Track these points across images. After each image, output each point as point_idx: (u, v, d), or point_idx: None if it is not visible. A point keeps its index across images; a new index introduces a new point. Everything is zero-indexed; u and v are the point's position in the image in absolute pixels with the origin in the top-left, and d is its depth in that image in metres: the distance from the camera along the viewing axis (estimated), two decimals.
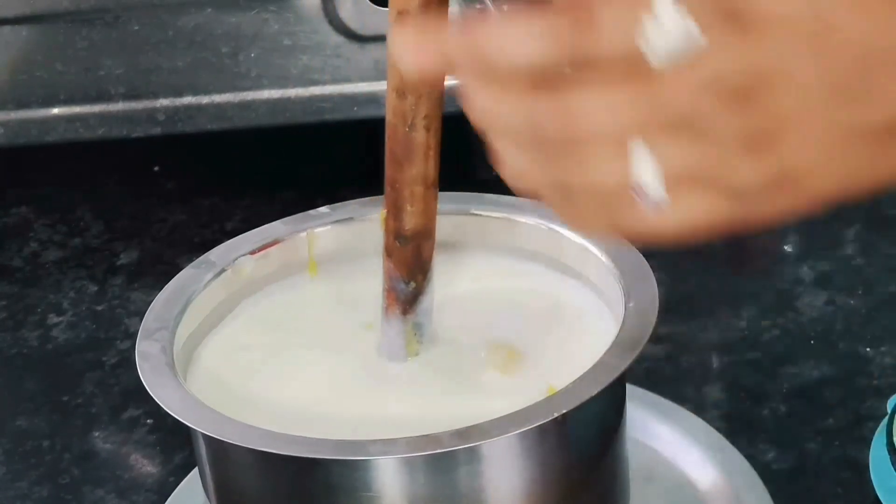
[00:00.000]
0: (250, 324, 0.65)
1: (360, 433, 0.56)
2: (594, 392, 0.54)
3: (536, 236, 0.66)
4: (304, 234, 0.67)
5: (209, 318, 0.64)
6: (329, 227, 0.68)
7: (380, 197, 0.64)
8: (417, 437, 0.53)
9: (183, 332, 0.62)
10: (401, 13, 0.54)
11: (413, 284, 0.62)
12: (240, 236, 0.67)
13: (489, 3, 0.48)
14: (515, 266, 0.67)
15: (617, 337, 0.57)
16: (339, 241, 0.68)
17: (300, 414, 0.60)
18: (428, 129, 0.58)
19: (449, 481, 0.55)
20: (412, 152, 0.59)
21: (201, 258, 0.65)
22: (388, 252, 0.62)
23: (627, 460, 0.61)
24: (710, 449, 0.71)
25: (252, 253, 0.66)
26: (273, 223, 0.68)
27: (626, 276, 0.61)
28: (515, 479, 0.56)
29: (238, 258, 0.66)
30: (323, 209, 0.68)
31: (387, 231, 0.62)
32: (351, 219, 0.68)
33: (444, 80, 0.55)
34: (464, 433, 0.53)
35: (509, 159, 0.45)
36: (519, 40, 0.43)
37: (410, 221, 0.61)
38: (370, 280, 0.65)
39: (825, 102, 0.42)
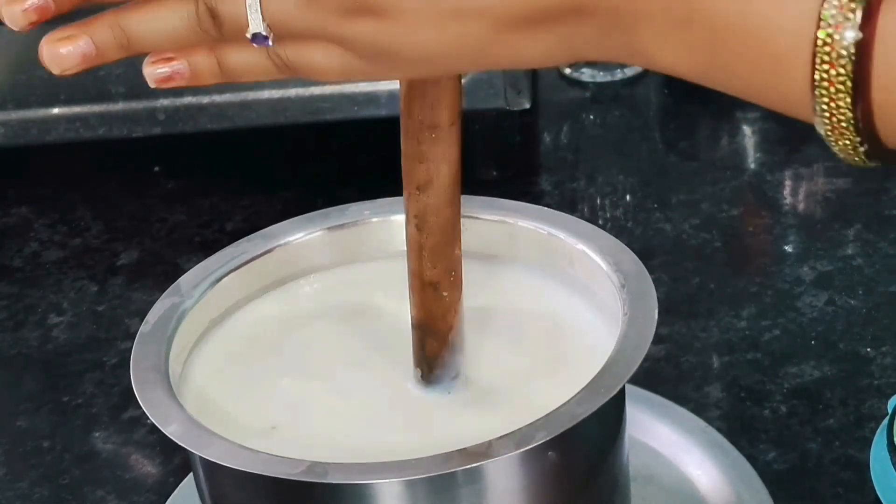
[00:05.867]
0: (231, 344, 0.64)
1: (368, 456, 0.54)
2: (594, 409, 0.53)
3: (533, 241, 0.65)
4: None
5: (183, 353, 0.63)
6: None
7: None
8: (416, 459, 0.53)
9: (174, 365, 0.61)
10: None
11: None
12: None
13: None
14: (511, 274, 0.66)
15: (615, 350, 0.56)
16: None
17: (297, 435, 0.59)
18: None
19: (449, 501, 0.55)
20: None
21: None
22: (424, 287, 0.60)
23: (628, 464, 0.61)
24: (710, 449, 0.71)
25: None
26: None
27: (624, 282, 0.60)
28: (515, 495, 0.56)
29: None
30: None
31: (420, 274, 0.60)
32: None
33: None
34: (463, 454, 0.53)
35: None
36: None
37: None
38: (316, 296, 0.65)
39: None
